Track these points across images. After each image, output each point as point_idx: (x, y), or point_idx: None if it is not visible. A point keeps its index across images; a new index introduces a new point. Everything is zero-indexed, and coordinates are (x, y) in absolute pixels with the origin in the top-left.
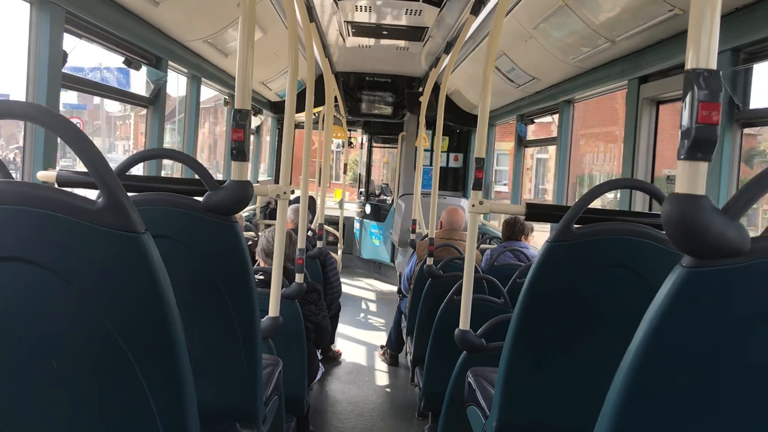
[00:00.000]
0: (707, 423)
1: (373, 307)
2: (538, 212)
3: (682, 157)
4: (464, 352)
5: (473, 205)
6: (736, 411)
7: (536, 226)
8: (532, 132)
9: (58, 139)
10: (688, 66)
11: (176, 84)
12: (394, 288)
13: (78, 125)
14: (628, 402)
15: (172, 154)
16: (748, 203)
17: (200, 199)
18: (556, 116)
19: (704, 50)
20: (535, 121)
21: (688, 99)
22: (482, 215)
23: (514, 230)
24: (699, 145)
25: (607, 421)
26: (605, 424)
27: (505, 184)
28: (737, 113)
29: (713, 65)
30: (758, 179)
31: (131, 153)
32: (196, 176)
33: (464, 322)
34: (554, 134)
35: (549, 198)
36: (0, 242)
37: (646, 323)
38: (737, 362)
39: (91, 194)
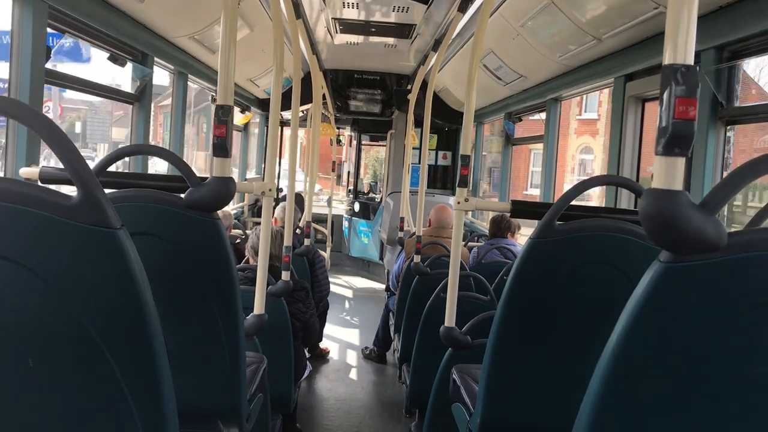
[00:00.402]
0: (686, 418)
1: (361, 305)
2: (523, 209)
3: (659, 152)
4: (450, 349)
5: (458, 202)
6: (714, 406)
7: (524, 223)
8: (574, 129)
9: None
10: (666, 62)
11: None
12: (383, 286)
13: (56, 110)
14: (606, 398)
15: (154, 151)
16: (725, 198)
17: (183, 195)
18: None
19: (681, 46)
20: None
21: (665, 94)
22: (470, 213)
23: (500, 227)
24: (676, 140)
25: (585, 417)
26: (584, 421)
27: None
28: (721, 111)
29: (690, 61)
30: (735, 174)
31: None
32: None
33: (449, 319)
34: (600, 130)
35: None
36: None
37: (624, 319)
38: (715, 357)
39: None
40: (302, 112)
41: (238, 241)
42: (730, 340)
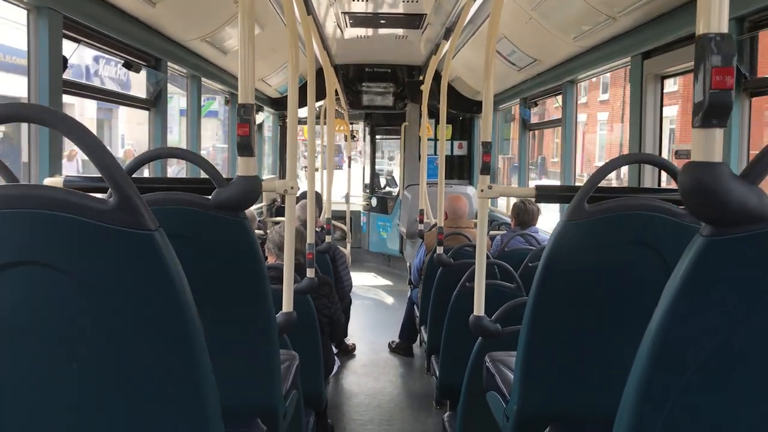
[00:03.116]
0: (733, 396)
1: (384, 299)
2: (548, 194)
3: (696, 125)
4: (480, 338)
5: (482, 190)
6: (762, 382)
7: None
8: None
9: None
10: (700, 31)
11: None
12: (405, 279)
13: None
14: (651, 380)
15: (180, 153)
16: (767, 168)
17: (209, 196)
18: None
19: (715, 14)
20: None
21: (701, 66)
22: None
23: (525, 219)
24: (713, 111)
25: (631, 399)
26: (629, 403)
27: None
28: (745, 82)
29: (725, 29)
30: None
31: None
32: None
33: (478, 308)
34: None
35: None
36: (15, 246)
37: (666, 296)
38: (762, 330)
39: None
40: (315, 108)
41: (259, 241)
42: None
